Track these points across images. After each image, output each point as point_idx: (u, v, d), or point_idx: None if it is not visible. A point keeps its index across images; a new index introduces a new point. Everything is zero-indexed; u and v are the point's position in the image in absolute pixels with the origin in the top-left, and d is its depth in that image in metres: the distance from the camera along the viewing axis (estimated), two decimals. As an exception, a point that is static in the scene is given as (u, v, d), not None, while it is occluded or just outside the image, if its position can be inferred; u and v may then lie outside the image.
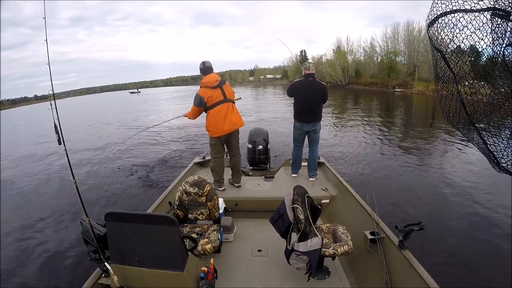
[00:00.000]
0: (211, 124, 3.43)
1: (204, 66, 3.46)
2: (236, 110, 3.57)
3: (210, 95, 3.36)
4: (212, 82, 3.38)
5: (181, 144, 10.22)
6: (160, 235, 1.71)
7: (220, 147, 3.57)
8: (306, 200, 2.22)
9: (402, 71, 39.31)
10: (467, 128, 1.27)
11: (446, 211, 4.53)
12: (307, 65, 3.69)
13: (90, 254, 1.89)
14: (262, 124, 10.86)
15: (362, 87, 41.70)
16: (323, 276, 2.34)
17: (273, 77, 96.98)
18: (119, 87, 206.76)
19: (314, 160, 3.86)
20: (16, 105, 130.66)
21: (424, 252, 2.95)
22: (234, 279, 2.36)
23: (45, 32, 1.74)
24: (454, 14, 1.12)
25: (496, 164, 1.20)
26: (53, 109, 1.78)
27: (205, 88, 3.38)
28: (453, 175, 6.10)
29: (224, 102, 3.43)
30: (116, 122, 18.73)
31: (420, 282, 1.78)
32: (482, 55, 1.17)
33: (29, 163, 9.46)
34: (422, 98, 26.64)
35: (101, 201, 5.50)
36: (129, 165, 7.99)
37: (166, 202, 3.04)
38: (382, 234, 2.28)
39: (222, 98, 3.42)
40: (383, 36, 43.35)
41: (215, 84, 3.39)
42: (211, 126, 3.44)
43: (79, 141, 11.97)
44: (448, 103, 1.30)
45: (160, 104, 33.29)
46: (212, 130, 3.46)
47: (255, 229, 3.12)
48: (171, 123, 13.71)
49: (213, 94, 3.37)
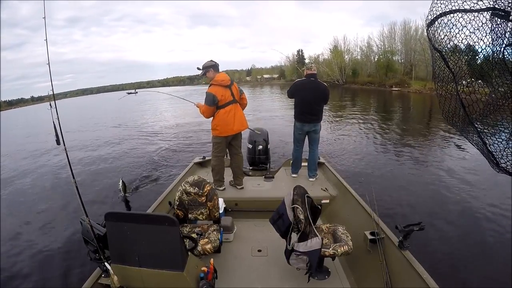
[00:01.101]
0: (220, 123, 3.39)
1: (215, 63, 3.40)
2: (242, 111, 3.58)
3: (223, 93, 3.32)
4: (226, 81, 3.35)
5: (181, 144, 10.20)
6: (160, 235, 1.70)
7: (224, 146, 3.56)
8: (306, 200, 2.22)
9: (399, 70, 39.50)
10: (466, 128, 1.27)
11: (446, 211, 4.53)
12: (309, 65, 3.70)
13: (90, 254, 1.88)
14: (260, 124, 10.87)
15: (359, 86, 41.83)
16: (323, 276, 2.34)
17: (270, 77, 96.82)
18: (116, 87, 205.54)
19: (314, 160, 3.87)
20: (12, 107, 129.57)
21: (424, 252, 2.95)
22: (234, 279, 2.35)
23: (45, 32, 1.73)
24: (453, 14, 1.12)
25: (496, 165, 1.20)
26: (52, 109, 1.78)
27: (218, 87, 3.31)
28: (453, 175, 6.12)
29: (234, 103, 3.44)
30: (115, 122, 18.66)
31: (420, 282, 1.78)
32: (482, 55, 1.16)
33: (29, 163, 9.41)
34: (419, 97, 26.76)
35: (101, 201, 5.48)
36: (129, 165, 7.98)
37: (166, 202, 3.03)
38: (382, 234, 2.29)
39: (231, 98, 3.42)
40: (380, 35, 43.66)
41: (228, 83, 3.38)
42: (220, 125, 3.40)
43: (78, 141, 11.91)
44: (447, 103, 1.30)
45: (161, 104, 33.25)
46: (220, 130, 3.42)
47: (255, 229, 3.12)
48: (170, 123, 13.65)
49: (225, 93, 3.34)
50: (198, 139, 10.71)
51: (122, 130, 14.70)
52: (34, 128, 20.98)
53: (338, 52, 49.73)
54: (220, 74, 3.38)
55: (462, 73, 1.21)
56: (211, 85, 3.34)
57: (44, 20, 1.78)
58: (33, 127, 22.04)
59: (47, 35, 1.79)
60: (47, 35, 1.76)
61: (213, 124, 3.44)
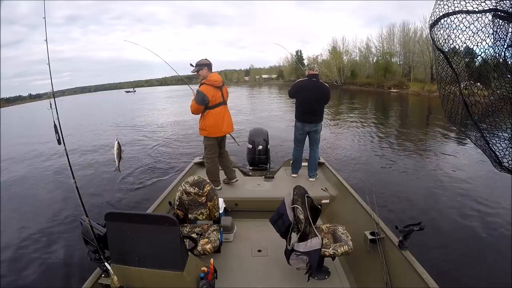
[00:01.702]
0: (210, 124, 3.38)
1: (210, 62, 3.36)
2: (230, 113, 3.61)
3: (213, 94, 3.30)
4: (219, 82, 3.34)
5: (181, 144, 10.17)
6: (160, 235, 1.70)
7: (216, 147, 3.58)
8: (306, 200, 2.22)
9: (398, 71, 39.59)
10: (469, 128, 1.28)
11: (446, 211, 4.55)
12: (312, 66, 3.70)
13: (90, 254, 1.87)
14: (260, 124, 10.86)
15: (357, 87, 41.87)
16: (323, 276, 2.35)
17: (269, 77, 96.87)
18: (114, 86, 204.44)
19: (315, 160, 3.88)
20: (10, 104, 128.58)
21: (424, 252, 2.96)
22: (234, 279, 2.35)
23: (45, 32, 1.72)
24: (456, 15, 1.12)
25: (498, 164, 1.20)
26: (52, 109, 1.77)
27: (209, 86, 3.29)
28: (453, 175, 6.15)
29: (223, 104, 3.46)
30: (115, 120, 18.62)
31: (420, 282, 1.79)
32: (484, 56, 1.17)
33: (29, 163, 9.33)
34: (418, 98, 26.85)
35: (101, 201, 5.45)
36: (129, 165, 7.92)
37: (166, 202, 3.03)
38: (382, 234, 2.29)
39: (221, 100, 3.42)
40: (379, 37, 43.73)
41: (220, 84, 3.37)
42: (210, 126, 3.39)
43: (78, 141, 11.84)
44: (450, 103, 1.30)
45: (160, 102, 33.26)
46: (210, 130, 3.42)
47: (255, 229, 3.11)
48: (169, 121, 13.58)
49: (216, 94, 3.33)
50: (197, 138, 10.68)
51: (121, 130, 14.63)
52: (33, 127, 20.85)
53: (337, 53, 49.79)
54: (214, 74, 3.36)
55: (465, 74, 1.22)
56: (203, 84, 3.31)
57: (45, 20, 1.77)
58: (32, 126, 21.91)
59: (44, 34, 1.78)
60: (47, 35, 1.75)
61: (202, 125, 3.42)
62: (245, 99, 29.65)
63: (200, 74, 3.34)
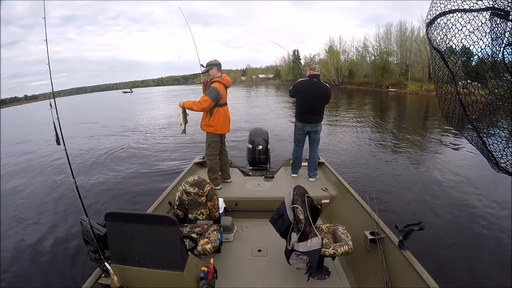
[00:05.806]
0: (219, 121, 3.48)
1: (219, 62, 3.48)
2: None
3: (224, 93, 3.43)
4: (229, 82, 3.49)
5: (181, 144, 10.15)
6: (160, 235, 1.70)
7: (219, 144, 3.65)
8: (306, 200, 2.22)
9: (396, 71, 39.65)
10: (466, 128, 1.28)
11: (446, 211, 4.55)
12: (313, 66, 3.69)
13: (90, 254, 1.87)
14: (259, 124, 10.86)
15: (355, 87, 41.91)
16: (323, 276, 2.35)
17: (266, 77, 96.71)
18: (110, 86, 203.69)
19: (315, 160, 3.88)
20: (6, 105, 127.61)
21: (424, 252, 2.97)
22: (234, 279, 2.35)
23: (45, 32, 1.72)
24: (453, 13, 1.12)
25: (495, 164, 1.20)
26: (52, 109, 1.77)
27: (222, 85, 3.40)
28: (453, 174, 6.15)
29: (227, 104, 3.59)
30: (114, 121, 18.53)
31: (420, 282, 1.79)
32: (481, 55, 1.16)
33: (28, 163, 9.32)
34: (416, 97, 26.91)
35: (101, 201, 5.44)
36: (129, 164, 7.92)
37: (166, 202, 3.03)
38: (382, 234, 2.29)
39: (226, 100, 3.55)
40: (376, 36, 43.81)
41: (229, 84, 3.51)
42: (218, 123, 3.48)
43: (77, 141, 11.81)
44: (447, 103, 1.30)
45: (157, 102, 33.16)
46: (216, 127, 3.50)
47: (255, 229, 3.12)
48: (168, 121, 13.52)
49: (225, 94, 3.46)
50: (197, 138, 10.67)
51: (121, 129, 14.60)
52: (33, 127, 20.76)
53: (334, 52, 49.80)
54: (225, 75, 3.49)
55: (461, 73, 1.22)
56: (215, 81, 3.38)
57: (45, 21, 1.77)
58: (31, 125, 21.82)
59: (43, 34, 1.78)
60: (46, 35, 1.74)
61: (210, 122, 3.47)
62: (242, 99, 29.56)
63: (210, 74, 3.48)
